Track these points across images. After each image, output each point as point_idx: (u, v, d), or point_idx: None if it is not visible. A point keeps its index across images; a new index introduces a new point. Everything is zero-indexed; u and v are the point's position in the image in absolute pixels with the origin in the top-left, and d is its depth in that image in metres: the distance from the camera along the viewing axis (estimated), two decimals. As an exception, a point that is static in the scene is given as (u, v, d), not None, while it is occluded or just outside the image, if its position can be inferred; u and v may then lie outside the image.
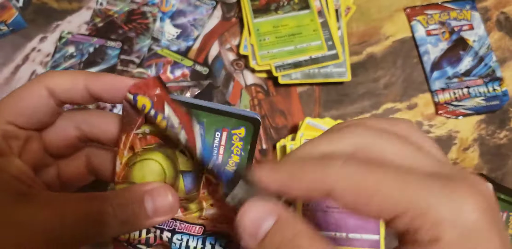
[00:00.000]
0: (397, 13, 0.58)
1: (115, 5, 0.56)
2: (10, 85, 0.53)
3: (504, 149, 0.53)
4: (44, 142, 0.28)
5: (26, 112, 0.26)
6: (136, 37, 0.55)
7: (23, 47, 0.55)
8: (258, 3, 0.54)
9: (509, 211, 0.49)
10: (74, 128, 0.29)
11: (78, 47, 0.54)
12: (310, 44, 0.52)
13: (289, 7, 0.54)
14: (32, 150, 0.27)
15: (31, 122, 0.27)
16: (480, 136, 0.54)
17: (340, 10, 0.55)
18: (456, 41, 0.56)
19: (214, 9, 0.57)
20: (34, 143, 0.27)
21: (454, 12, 0.57)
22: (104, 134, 0.29)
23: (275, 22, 0.53)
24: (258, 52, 0.52)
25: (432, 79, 0.55)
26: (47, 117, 0.27)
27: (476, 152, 0.53)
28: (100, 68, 0.53)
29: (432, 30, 0.56)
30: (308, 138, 0.48)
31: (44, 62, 0.54)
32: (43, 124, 0.28)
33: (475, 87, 0.54)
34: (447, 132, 0.54)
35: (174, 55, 0.54)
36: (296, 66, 0.52)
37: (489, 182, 0.50)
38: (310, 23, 0.53)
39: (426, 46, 0.56)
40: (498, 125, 0.54)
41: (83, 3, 0.56)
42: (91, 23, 0.55)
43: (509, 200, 0.49)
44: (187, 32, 0.56)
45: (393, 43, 0.57)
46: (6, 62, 0.54)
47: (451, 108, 0.54)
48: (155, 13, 0.55)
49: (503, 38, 0.57)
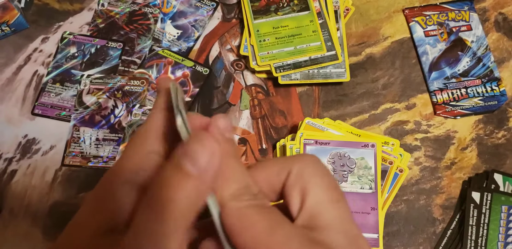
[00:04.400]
0: (396, 14, 0.58)
1: (117, 6, 0.56)
2: (12, 85, 0.54)
3: (502, 149, 0.54)
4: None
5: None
6: (137, 38, 0.55)
7: (25, 48, 0.55)
8: (258, 4, 0.55)
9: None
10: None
11: (80, 48, 0.54)
12: (309, 45, 0.53)
13: (289, 8, 0.54)
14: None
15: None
16: (478, 135, 0.54)
17: (339, 11, 0.55)
18: (455, 41, 0.56)
19: (215, 10, 0.57)
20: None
21: (453, 13, 0.57)
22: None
23: (275, 23, 0.54)
24: (258, 53, 0.52)
25: (431, 79, 0.55)
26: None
27: (474, 152, 0.54)
28: (102, 68, 0.54)
29: (430, 31, 0.57)
30: (307, 137, 0.48)
31: (46, 62, 0.55)
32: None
33: (473, 88, 0.55)
34: (445, 131, 0.54)
35: (175, 56, 0.54)
36: (296, 67, 0.52)
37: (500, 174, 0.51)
38: (310, 24, 0.53)
39: (425, 46, 0.56)
40: (496, 124, 0.54)
41: (85, 4, 0.57)
42: (92, 24, 0.56)
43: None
44: (188, 33, 0.56)
45: (392, 44, 0.57)
46: (8, 62, 0.54)
47: (449, 108, 0.54)
48: (156, 14, 0.56)
49: (501, 39, 0.57)
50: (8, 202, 0.50)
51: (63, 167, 0.51)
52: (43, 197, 0.51)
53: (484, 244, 0.49)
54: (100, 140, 0.52)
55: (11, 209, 0.50)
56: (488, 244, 0.49)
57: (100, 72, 0.54)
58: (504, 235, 0.49)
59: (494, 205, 0.50)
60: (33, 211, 0.50)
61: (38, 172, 0.51)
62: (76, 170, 0.51)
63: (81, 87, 0.53)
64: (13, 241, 0.49)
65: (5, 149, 0.52)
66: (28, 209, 0.50)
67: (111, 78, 0.53)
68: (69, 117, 0.52)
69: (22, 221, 0.50)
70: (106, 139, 0.52)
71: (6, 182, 0.51)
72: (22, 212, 0.50)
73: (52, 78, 0.53)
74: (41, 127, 0.52)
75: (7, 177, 0.51)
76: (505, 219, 0.49)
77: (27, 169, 0.51)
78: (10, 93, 0.53)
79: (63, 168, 0.51)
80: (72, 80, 0.53)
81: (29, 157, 0.52)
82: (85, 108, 0.52)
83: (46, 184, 0.51)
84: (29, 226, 0.49)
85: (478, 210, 0.50)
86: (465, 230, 0.49)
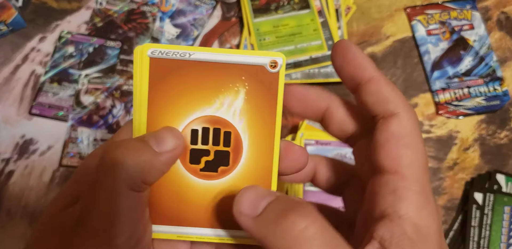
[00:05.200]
0: (398, 13, 0.57)
1: (115, 5, 0.56)
2: (9, 85, 0.53)
3: (505, 149, 0.53)
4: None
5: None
6: (135, 37, 0.55)
7: (23, 47, 0.54)
8: (258, 3, 0.54)
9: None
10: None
11: (78, 47, 0.54)
12: (310, 44, 0.52)
13: (289, 6, 0.54)
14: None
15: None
16: (481, 135, 0.54)
17: (340, 10, 0.55)
18: (457, 41, 0.56)
19: (214, 8, 0.57)
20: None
21: (455, 12, 0.57)
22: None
23: (275, 22, 0.53)
24: (258, 52, 0.52)
25: (433, 79, 0.55)
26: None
27: (477, 152, 0.53)
28: (100, 68, 0.53)
29: (432, 30, 0.56)
30: (308, 138, 0.48)
31: (43, 62, 0.54)
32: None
33: (476, 87, 0.54)
34: (448, 131, 0.54)
35: (174, 55, 0.54)
36: (296, 66, 0.52)
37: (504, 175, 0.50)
38: (310, 22, 0.53)
39: (427, 46, 0.56)
40: (499, 124, 0.54)
41: (83, 3, 0.56)
42: (90, 23, 0.55)
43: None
44: (187, 32, 0.56)
45: (394, 43, 0.56)
46: (5, 62, 0.54)
47: (452, 108, 0.54)
48: (155, 13, 0.55)
49: (504, 38, 0.57)
50: (5, 203, 0.50)
51: (60, 167, 0.51)
52: (41, 197, 0.50)
53: (487, 245, 0.48)
54: (98, 140, 0.51)
55: (9, 210, 0.50)
56: (490, 245, 0.48)
57: (98, 71, 0.53)
58: (507, 236, 0.49)
59: (497, 206, 0.49)
60: (30, 212, 0.50)
61: (35, 172, 0.51)
62: (74, 171, 0.51)
63: (79, 86, 0.52)
64: (10, 242, 0.49)
65: (2, 149, 0.51)
66: (25, 210, 0.50)
67: (109, 78, 0.53)
68: (66, 117, 0.52)
69: (20, 222, 0.49)
70: (104, 139, 0.51)
71: (3, 183, 0.50)
72: (20, 213, 0.50)
73: (50, 78, 0.53)
74: (38, 127, 0.52)
75: (4, 178, 0.50)
76: (507, 220, 0.49)
77: (25, 169, 0.51)
78: (7, 93, 0.53)
79: (60, 168, 0.51)
80: (70, 79, 0.53)
81: (27, 157, 0.51)
82: (83, 108, 0.52)
83: (43, 184, 0.50)
84: (26, 227, 0.49)
85: (480, 211, 0.49)
86: (468, 231, 0.49)
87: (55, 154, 0.51)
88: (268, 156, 0.23)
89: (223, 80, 0.23)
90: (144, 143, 0.20)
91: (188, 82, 0.23)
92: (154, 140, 0.20)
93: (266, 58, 0.22)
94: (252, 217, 0.19)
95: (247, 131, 0.23)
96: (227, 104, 0.23)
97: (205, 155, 0.23)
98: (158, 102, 0.23)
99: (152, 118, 0.23)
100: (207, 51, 0.22)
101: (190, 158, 0.23)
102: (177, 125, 0.23)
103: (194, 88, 0.23)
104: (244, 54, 0.22)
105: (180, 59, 0.22)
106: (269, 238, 0.18)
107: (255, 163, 0.23)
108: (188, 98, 0.23)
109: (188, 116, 0.23)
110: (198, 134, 0.23)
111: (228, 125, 0.23)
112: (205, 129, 0.23)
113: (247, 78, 0.23)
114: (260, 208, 0.19)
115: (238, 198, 0.19)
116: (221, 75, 0.22)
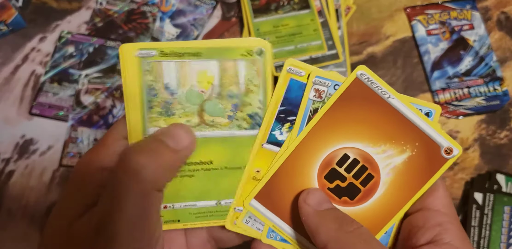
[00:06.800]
0: (398, 13, 0.57)
1: (115, 5, 0.56)
2: (10, 85, 0.53)
3: (505, 149, 0.53)
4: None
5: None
6: (136, 37, 0.55)
7: (23, 47, 0.54)
8: (258, 3, 0.54)
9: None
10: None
11: (78, 47, 0.54)
12: (310, 44, 0.52)
13: (289, 6, 0.54)
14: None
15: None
16: (481, 135, 0.54)
17: (340, 10, 0.55)
18: (457, 41, 0.56)
19: (214, 9, 0.57)
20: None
21: (455, 12, 0.57)
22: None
23: (275, 22, 0.53)
24: (258, 52, 0.52)
25: (433, 79, 0.55)
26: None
27: (477, 152, 0.53)
28: (100, 68, 0.53)
29: (432, 30, 0.56)
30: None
31: (43, 62, 0.54)
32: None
33: (476, 87, 0.54)
34: (448, 131, 0.54)
35: (174, 55, 0.54)
36: (296, 66, 0.52)
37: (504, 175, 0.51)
38: (310, 23, 0.53)
39: (427, 46, 0.56)
40: (499, 124, 0.54)
41: (83, 3, 0.56)
42: (90, 23, 0.55)
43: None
44: (187, 32, 0.56)
45: (394, 43, 0.56)
46: (5, 62, 0.54)
47: (452, 108, 0.54)
48: (155, 13, 0.55)
49: (504, 38, 0.57)
50: (5, 203, 0.50)
51: (61, 167, 0.51)
52: (41, 198, 0.50)
53: (487, 245, 0.48)
54: (98, 140, 0.51)
55: (9, 210, 0.50)
56: (490, 245, 0.48)
57: (98, 71, 0.53)
58: (507, 236, 0.49)
59: (497, 206, 0.49)
60: (31, 212, 0.50)
61: (35, 172, 0.51)
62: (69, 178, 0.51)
63: (79, 86, 0.52)
64: (11, 242, 0.49)
65: (2, 149, 0.51)
66: (26, 210, 0.50)
67: (109, 78, 0.53)
68: (67, 117, 0.52)
69: (20, 222, 0.49)
70: (105, 139, 0.51)
71: (4, 183, 0.50)
72: (20, 213, 0.50)
73: (50, 78, 0.53)
74: (38, 127, 0.52)
75: (4, 178, 0.50)
76: (507, 220, 0.49)
77: (25, 169, 0.51)
78: (7, 93, 0.53)
79: (61, 168, 0.51)
80: (70, 79, 0.53)
81: (27, 157, 0.51)
82: (83, 108, 0.52)
83: (43, 184, 0.50)
84: (27, 227, 0.49)
85: (480, 211, 0.49)
86: (468, 231, 0.49)
87: (55, 154, 0.51)
88: (386, 218, 0.25)
89: (401, 134, 0.24)
90: (162, 143, 0.21)
91: (370, 115, 0.24)
92: (170, 138, 0.21)
93: (446, 142, 0.25)
94: (314, 209, 0.22)
95: (386, 187, 0.24)
96: (388, 154, 0.24)
97: (340, 180, 0.25)
98: (333, 116, 0.24)
99: (317, 129, 0.24)
100: (397, 98, 0.24)
101: (327, 174, 0.25)
102: (338, 141, 0.24)
103: (373, 122, 0.24)
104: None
105: (377, 94, 0.24)
106: (322, 228, 0.21)
107: (373, 214, 0.25)
108: (362, 127, 0.24)
109: (351, 141, 0.24)
110: (347, 160, 0.24)
111: (376, 170, 0.24)
112: (355, 160, 0.24)
113: (420, 147, 0.24)
114: (323, 207, 0.23)
115: (307, 192, 0.23)
116: (402, 129, 0.24)
